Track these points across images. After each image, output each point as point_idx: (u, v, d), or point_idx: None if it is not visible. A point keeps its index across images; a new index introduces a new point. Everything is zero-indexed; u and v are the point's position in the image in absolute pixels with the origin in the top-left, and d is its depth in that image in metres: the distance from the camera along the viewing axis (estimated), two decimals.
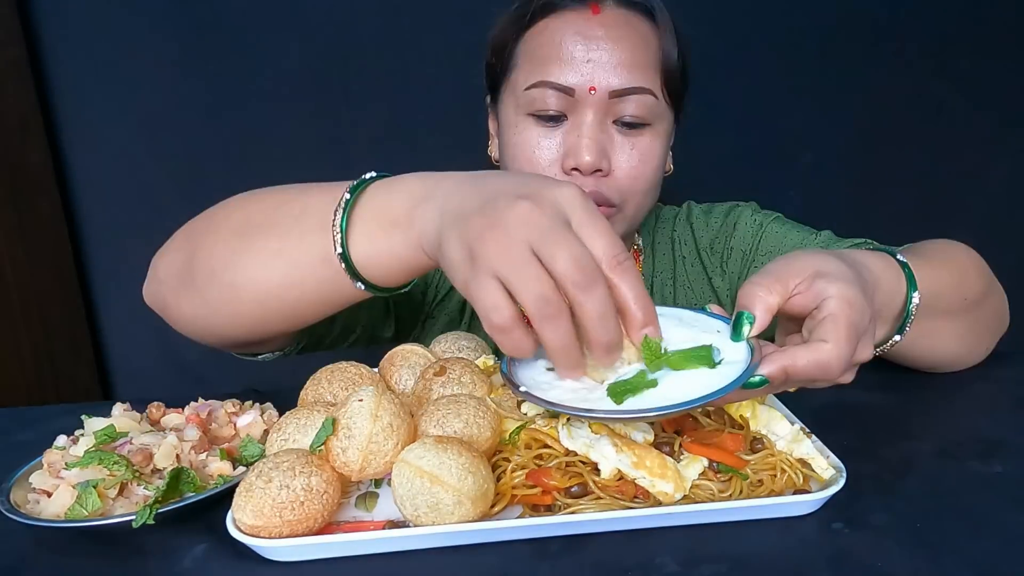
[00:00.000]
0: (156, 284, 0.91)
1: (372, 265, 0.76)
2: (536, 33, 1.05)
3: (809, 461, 0.70)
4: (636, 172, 1.05)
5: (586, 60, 1.01)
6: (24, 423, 0.94)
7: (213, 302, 0.83)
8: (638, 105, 1.02)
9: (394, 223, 0.74)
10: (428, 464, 0.60)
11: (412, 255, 0.73)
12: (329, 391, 0.76)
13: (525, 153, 1.05)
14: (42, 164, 2.13)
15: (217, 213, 0.89)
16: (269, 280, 0.80)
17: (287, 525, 0.59)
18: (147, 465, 0.68)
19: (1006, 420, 0.88)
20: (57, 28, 2.11)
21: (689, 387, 0.62)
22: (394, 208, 0.74)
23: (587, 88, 1.01)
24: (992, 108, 2.40)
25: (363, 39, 2.19)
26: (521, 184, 0.66)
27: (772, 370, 0.64)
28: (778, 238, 1.17)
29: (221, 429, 0.77)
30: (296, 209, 0.81)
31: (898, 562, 0.61)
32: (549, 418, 0.72)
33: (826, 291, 0.67)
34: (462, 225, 0.64)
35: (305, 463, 0.61)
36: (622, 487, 0.66)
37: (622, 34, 1.02)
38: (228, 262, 0.82)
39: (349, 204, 0.76)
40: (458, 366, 0.78)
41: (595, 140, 1.02)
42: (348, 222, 0.75)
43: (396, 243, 0.74)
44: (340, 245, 0.75)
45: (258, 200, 0.86)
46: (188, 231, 0.91)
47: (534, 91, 1.03)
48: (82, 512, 0.63)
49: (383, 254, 0.75)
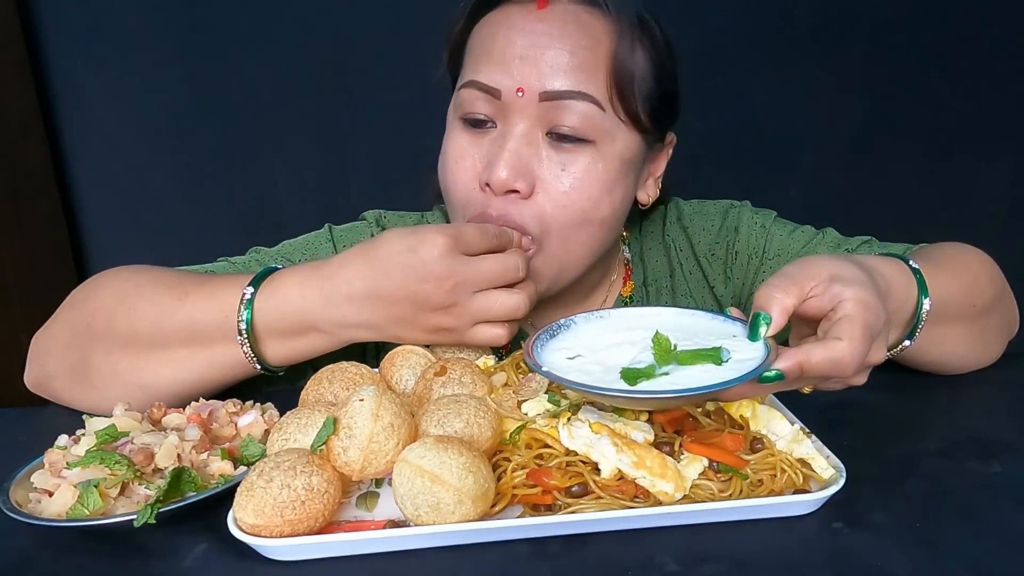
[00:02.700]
0: (44, 375, 0.94)
1: (291, 360, 0.89)
2: (480, 28, 0.96)
3: (809, 461, 0.70)
4: (564, 199, 0.90)
5: (518, 57, 0.89)
6: (24, 423, 0.94)
7: (118, 397, 0.85)
8: (576, 115, 0.88)
9: (301, 331, 0.86)
10: (429, 464, 0.60)
11: (331, 346, 0.88)
12: (330, 391, 0.76)
13: (448, 163, 0.95)
14: (42, 164, 2.13)
15: (95, 314, 0.90)
16: (184, 380, 0.88)
17: (288, 524, 0.59)
18: (148, 465, 0.68)
19: (1006, 420, 0.88)
20: (57, 28, 2.11)
21: (703, 380, 0.63)
22: (294, 321, 0.85)
23: (515, 89, 0.88)
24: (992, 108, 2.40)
25: (363, 39, 2.19)
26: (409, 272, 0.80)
27: (788, 365, 0.65)
28: (784, 240, 1.11)
29: (222, 429, 0.77)
30: (182, 321, 0.86)
31: (898, 562, 0.61)
32: (549, 418, 0.72)
33: (842, 294, 0.68)
34: (414, 324, 0.83)
35: (306, 462, 0.61)
36: (622, 487, 0.66)
37: (566, 31, 0.90)
38: (134, 367, 0.87)
39: (248, 326, 0.84)
40: (458, 366, 0.78)
41: (514, 153, 0.89)
42: (252, 335, 0.85)
43: (316, 343, 0.88)
44: (253, 356, 0.86)
45: (133, 306, 0.88)
46: (69, 329, 0.92)
47: (463, 92, 0.93)
48: (83, 512, 0.63)
49: (303, 353, 0.89)
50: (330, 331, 0.86)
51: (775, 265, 1.11)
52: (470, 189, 0.93)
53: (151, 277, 0.91)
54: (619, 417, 0.71)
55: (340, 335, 0.86)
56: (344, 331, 0.86)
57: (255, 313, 0.84)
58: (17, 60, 2.04)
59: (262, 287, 0.86)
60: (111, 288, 0.92)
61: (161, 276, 0.92)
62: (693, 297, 1.16)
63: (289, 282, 0.85)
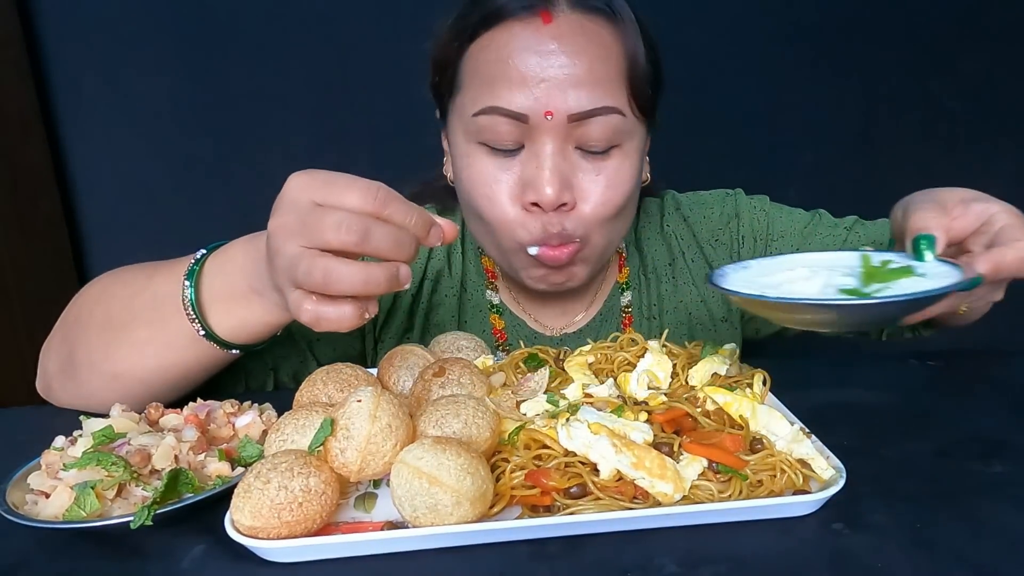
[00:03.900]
0: (47, 377, 0.94)
1: (239, 333, 0.84)
2: (481, 48, 0.93)
3: (809, 461, 0.70)
4: (604, 200, 0.94)
5: (539, 80, 0.88)
6: (23, 423, 0.94)
7: (99, 390, 0.87)
8: (604, 128, 0.91)
9: (245, 297, 0.81)
10: (427, 465, 0.60)
11: (275, 316, 0.81)
12: (324, 392, 0.76)
13: (482, 189, 0.95)
14: (42, 164, 2.13)
15: (83, 307, 0.91)
16: (146, 366, 0.86)
17: (285, 526, 0.59)
18: (145, 466, 0.68)
19: (1006, 420, 0.88)
20: (57, 28, 2.11)
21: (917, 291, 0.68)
22: (237, 285, 0.81)
23: (542, 113, 0.89)
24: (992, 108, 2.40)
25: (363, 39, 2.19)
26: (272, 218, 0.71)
27: (987, 268, 0.71)
28: (786, 221, 1.18)
29: (219, 430, 0.77)
30: (147, 299, 0.85)
31: (898, 562, 0.60)
32: (548, 418, 0.72)
33: (988, 209, 0.77)
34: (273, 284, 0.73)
35: (304, 464, 0.61)
36: (621, 487, 0.66)
37: (579, 46, 0.90)
38: (105, 354, 0.86)
39: (192, 293, 0.81)
40: (457, 366, 0.78)
41: (556, 172, 0.91)
42: (201, 306, 0.82)
43: (256, 311, 0.82)
44: (202, 328, 0.82)
45: (112, 293, 0.89)
46: (64, 325, 0.93)
47: (483, 118, 0.91)
48: (80, 513, 0.63)
49: (248, 323, 0.83)
50: (262, 291, 0.79)
51: (780, 245, 1.18)
52: (512, 210, 0.94)
53: (139, 266, 0.91)
54: (618, 417, 0.71)
55: (267, 293, 0.78)
56: (264, 276, 0.77)
57: (203, 277, 0.82)
58: (17, 60, 2.04)
59: (215, 253, 0.84)
60: (102, 282, 0.93)
61: (143, 264, 0.91)
62: (695, 284, 1.19)
63: (236, 244, 0.83)
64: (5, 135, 2.02)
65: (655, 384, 0.81)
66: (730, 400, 0.76)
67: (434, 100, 1.05)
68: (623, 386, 0.81)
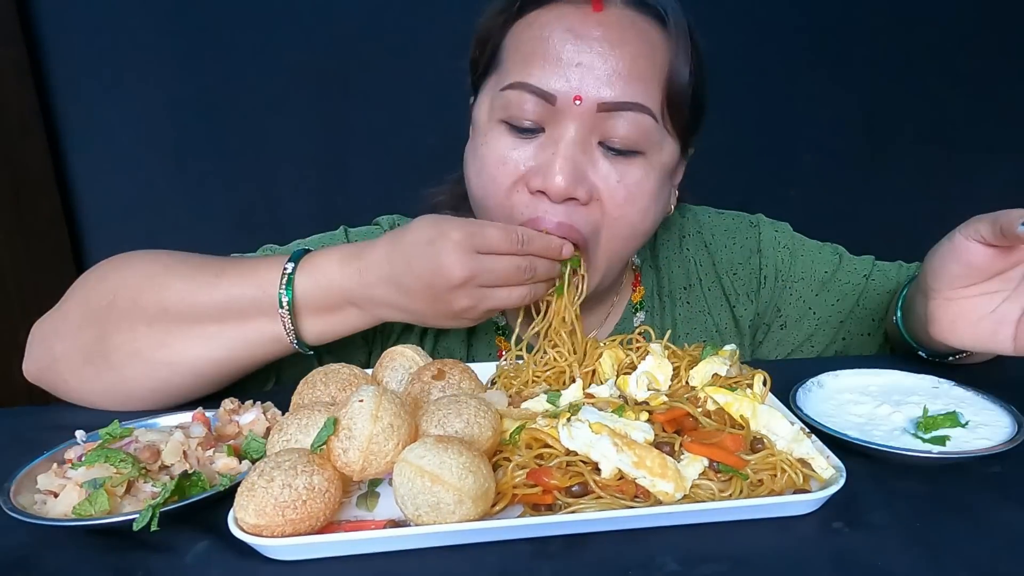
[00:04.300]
0: (49, 360, 0.91)
1: (325, 338, 0.91)
2: (525, 26, 0.90)
3: (809, 461, 0.70)
4: (619, 211, 0.90)
5: (575, 63, 0.85)
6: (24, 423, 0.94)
7: (136, 378, 0.88)
8: (632, 126, 0.87)
9: (340, 307, 0.88)
10: (429, 464, 0.60)
11: (365, 324, 0.91)
12: (326, 393, 0.76)
13: (489, 169, 0.91)
14: (42, 164, 2.13)
15: (116, 293, 0.89)
16: (212, 357, 0.88)
17: (289, 524, 0.59)
18: (155, 462, 0.68)
19: None
20: (57, 28, 2.11)
21: None
22: (333, 297, 0.88)
23: (571, 97, 0.85)
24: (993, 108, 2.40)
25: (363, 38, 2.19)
26: (430, 276, 0.83)
27: None
28: (807, 264, 1.16)
29: (224, 427, 0.77)
30: (219, 297, 0.87)
31: (898, 562, 0.61)
32: (550, 417, 0.72)
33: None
34: (440, 318, 0.88)
35: (307, 462, 0.61)
36: (623, 486, 0.66)
37: (625, 37, 0.87)
38: (160, 343, 0.87)
39: (290, 300, 0.86)
40: (456, 369, 0.79)
41: (572, 160, 0.87)
42: (293, 311, 0.87)
43: (351, 319, 0.90)
44: (292, 329, 0.87)
45: (162, 283, 0.89)
46: (83, 310, 0.90)
47: (510, 93, 0.88)
48: (90, 511, 0.63)
49: (337, 330, 0.91)
50: (365, 307, 0.88)
51: (800, 287, 1.16)
52: (510, 193, 0.91)
53: (179, 258, 0.92)
54: (619, 417, 0.72)
55: (374, 312, 0.89)
56: (377, 309, 0.88)
57: (295, 288, 0.86)
58: (17, 60, 2.04)
59: (301, 264, 0.88)
60: (135, 268, 0.92)
61: (189, 257, 0.93)
62: (711, 314, 1.16)
63: (328, 259, 0.88)
64: (5, 135, 2.02)
65: (655, 386, 0.81)
66: (731, 400, 0.77)
67: (470, 79, 1.00)
68: (623, 387, 0.81)
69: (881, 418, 0.82)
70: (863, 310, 1.15)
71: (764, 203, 1.25)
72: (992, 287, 0.83)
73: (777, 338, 1.18)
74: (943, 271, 0.83)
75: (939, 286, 0.84)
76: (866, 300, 1.15)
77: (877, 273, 1.16)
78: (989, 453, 0.73)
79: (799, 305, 1.16)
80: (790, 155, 2.42)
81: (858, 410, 0.84)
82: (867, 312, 1.15)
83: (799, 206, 1.24)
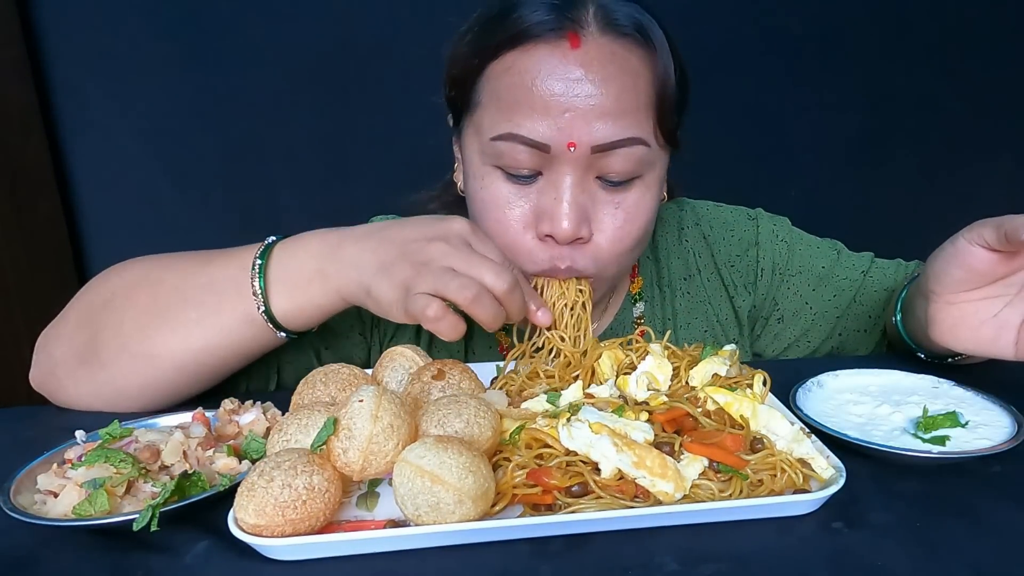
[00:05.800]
0: (50, 365, 0.92)
1: (293, 316, 0.87)
2: (504, 69, 0.88)
3: (809, 461, 0.70)
4: (621, 235, 0.92)
5: (563, 111, 0.85)
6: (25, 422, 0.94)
7: (124, 375, 0.87)
8: (627, 159, 0.88)
9: (309, 280, 0.86)
10: (429, 464, 0.60)
11: (330, 302, 0.86)
12: (327, 393, 0.76)
13: (494, 213, 0.92)
14: (42, 164, 2.13)
15: (115, 293, 0.91)
16: (189, 347, 0.87)
17: (289, 524, 0.59)
18: (155, 462, 0.68)
19: None
20: (57, 28, 2.11)
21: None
22: (305, 268, 0.86)
23: (565, 144, 0.85)
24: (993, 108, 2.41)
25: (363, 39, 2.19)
26: (424, 228, 0.82)
27: None
28: (805, 257, 1.16)
29: (224, 427, 0.77)
30: (203, 280, 0.87)
31: (898, 562, 0.61)
32: (550, 417, 0.72)
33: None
34: (390, 272, 0.80)
35: (307, 462, 0.61)
36: (622, 486, 0.66)
37: (607, 74, 0.86)
38: (143, 335, 0.87)
39: (262, 268, 0.85)
40: (457, 369, 0.79)
41: (575, 205, 0.88)
42: (265, 284, 0.85)
43: (315, 295, 0.86)
44: (263, 304, 0.85)
45: (157, 278, 0.90)
46: (82, 312, 0.92)
47: (501, 144, 0.88)
48: (90, 511, 0.63)
49: (303, 306, 0.87)
50: (330, 274, 0.85)
51: (797, 281, 1.17)
52: (523, 238, 0.92)
53: (180, 254, 0.93)
54: (619, 417, 0.72)
55: (335, 279, 0.84)
56: (340, 272, 0.84)
57: (271, 260, 0.86)
58: (17, 60, 2.04)
59: (286, 239, 0.88)
60: (135, 268, 0.93)
61: (193, 253, 0.93)
62: (711, 304, 1.17)
63: (314, 232, 0.88)
64: (5, 135, 2.02)
65: (655, 386, 0.81)
66: (731, 400, 0.77)
67: (448, 109, 1.01)
68: (623, 387, 0.81)
69: (881, 418, 0.82)
70: (860, 307, 1.16)
71: (764, 203, 1.25)
72: (994, 292, 0.83)
73: (774, 332, 1.18)
74: (945, 275, 0.83)
75: (941, 289, 0.84)
76: (863, 297, 1.16)
77: (875, 270, 1.17)
78: (989, 453, 0.73)
79: (796, 299, 1.17)
80: (790, 155, 2.42)
81: (858, 410, 0.84)
82: (864, 309, 1.16)
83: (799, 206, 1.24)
